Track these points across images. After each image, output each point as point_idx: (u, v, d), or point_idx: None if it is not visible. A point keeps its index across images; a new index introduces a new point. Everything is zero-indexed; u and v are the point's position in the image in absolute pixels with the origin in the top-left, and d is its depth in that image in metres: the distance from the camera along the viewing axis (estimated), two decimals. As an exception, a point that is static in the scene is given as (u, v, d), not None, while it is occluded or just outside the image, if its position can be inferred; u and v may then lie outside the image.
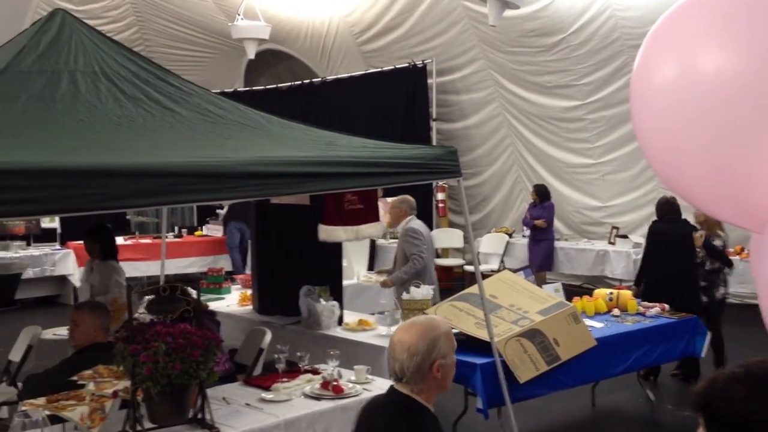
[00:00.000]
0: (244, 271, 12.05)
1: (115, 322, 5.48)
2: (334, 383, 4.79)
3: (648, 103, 3.13)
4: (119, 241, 12.89)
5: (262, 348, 6.13)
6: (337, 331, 6.55)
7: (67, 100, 4.51)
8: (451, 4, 13.61)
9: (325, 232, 6.21)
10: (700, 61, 2.90)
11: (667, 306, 7.21)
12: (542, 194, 12.38)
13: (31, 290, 12.01)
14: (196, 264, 13.70)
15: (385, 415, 3.01)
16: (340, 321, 6.72)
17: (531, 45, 13.09)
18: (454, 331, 5.90)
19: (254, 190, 4.47)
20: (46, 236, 12.96)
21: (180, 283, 4.90)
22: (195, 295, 4.57)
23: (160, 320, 4.22)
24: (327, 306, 6.59)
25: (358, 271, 9.37)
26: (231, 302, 7.97)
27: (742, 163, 2.85)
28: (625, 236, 12.15)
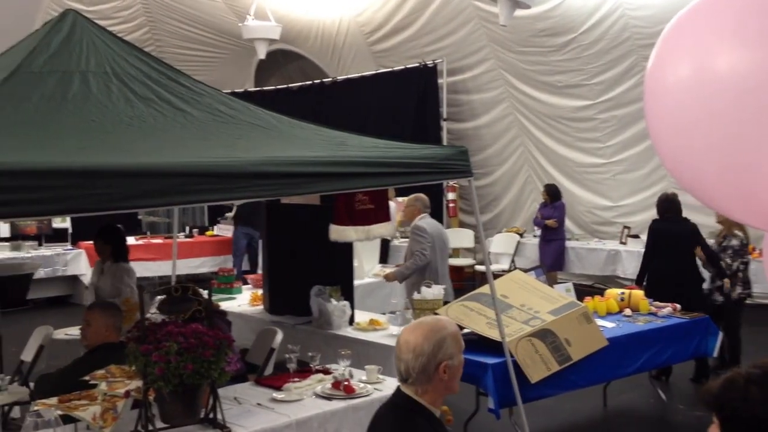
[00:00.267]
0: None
1: (127, 322, 5.50)
2: (345, 383, 4.79)
3: (662, 101, 3.12)
4: (130, 241, 12.97)
5: (273, 348, 6.13)
6: (348, 331, 6.55)
7: (79, 101, 4.52)
8: (462, 4, 13.59)
9: (336, 232, 6.21)
10: (714, 60, 2.89)
11: (678, 306, 7.19)
12: (553, 194, 12.35)
13: (43, 290, 12.05)
14: (207, 264, 13.72)
15: (387, 416, 3.00)
16: (351, 321, 6.72)
17: (542, 45, 13.06)
18: (466, 331, 5.96)
19: (264, 190, 4.47)
20: (58, 236, 13.00)
21: (191, 283, 4.91)
22: (206, 295, 4.57)
23: (172, 320, 4.23)
24: (338, 306, 6.59)
25: (370, 270, 9.37)
26: (242, 302, 7.99)
27: (753, 162, 2.84)
28: (636, 236, 12.11)
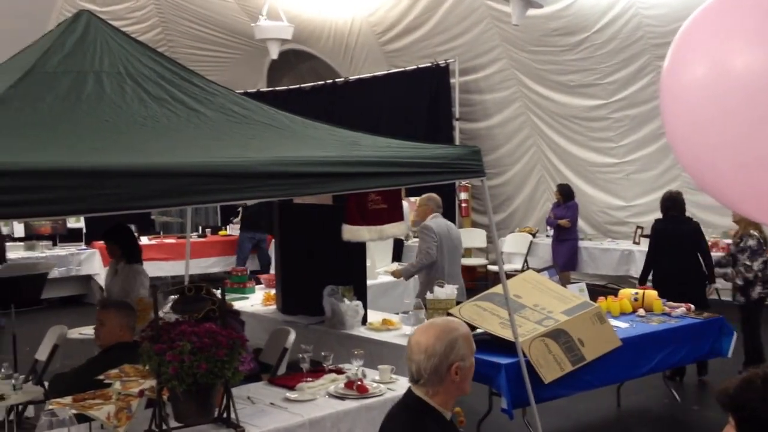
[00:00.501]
0: None
1: (141, 322, 5.52)
2: (359, 383, 4.78)
3: (678, 99, 3.11)
4: (143, 241, 13.06)
5: (286, 348, 6.13)
6: (361, 331, 6.55)
7: (93, 101, 4.53)
8: (474, 3, 13.57)
9: (349, 232, 6.20)
10: (729, 59, 2.88)
11: (692, 306, 7.16)
12: (566, 194, 12.32)
13: (57, 290, 12.10)
14: (220, 263, 13.75)
15: (397, 417, 2.98)
16: (364, 321, 6.72)
17: (554, 44, 13.03)
18: (479, 331, 5.95)
19: (277, 189, 4.47)
20: (72, 236, 13.07)
21: (204, 282, 4.92)
22: (219, 295, 4.58)
23: (186, 320, 4.23)
24: (351, 306, 6.59)
25: (381, 268, 9.38)
26: (255, 302, 8.00)
27: (766, 160, 2.83)
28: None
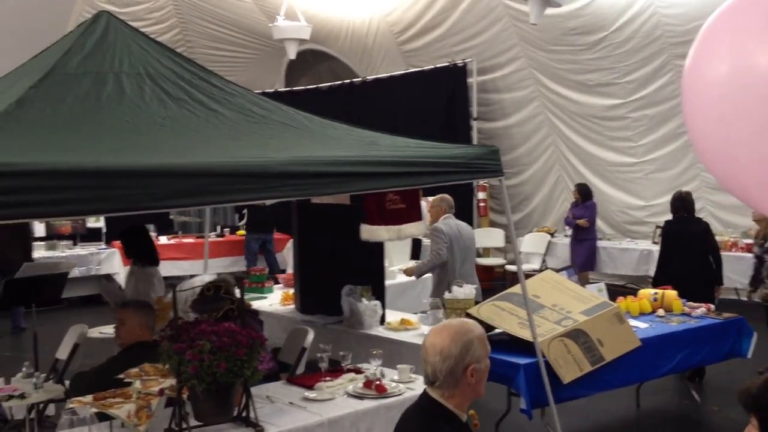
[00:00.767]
0: None
1: (160, 321, 5.54)
2: (377, 382, 4.79)
3: (700, 96, 3.10)
4: (162, 240, 13.13)
5: (305, 347, 6.14)
6: (380, 331, 6.56)
7: (113, 102, 4.56)
8: (492, 3, 13.54)
9: (368, 232, 6.19)
10: (754, 55, 2.87)
11: (712, 306, 7.13)
12: (584, 193, 12.28)
13: (77, 289, 12.16)
14: (239, 263, 13.78)
15: (413, 419, 2.96)
16: (383, 320, 6.72)
17: (572, 43, 12.98)
18: (497, 331, 5.94)
19: (295, 189, 4.48)
20: (92, 236, 13.16)
21: (223, 282, 4.94)
22: (238, 295, 4.59)
23: (205, 319, 4.25)
24: (369, 305, 6.60)
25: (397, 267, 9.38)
26: (273, 301, 8.02)
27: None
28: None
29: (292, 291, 7.84)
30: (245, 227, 13.83)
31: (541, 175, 14.54)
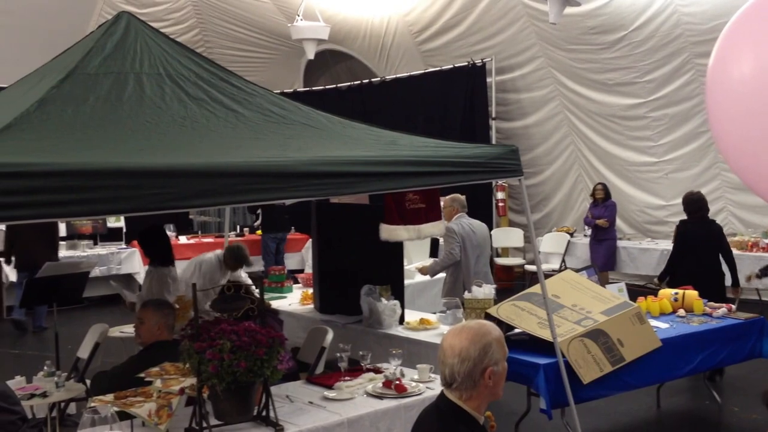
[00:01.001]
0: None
1: (181, 320, 5.57)
2: (397, 382, 4.79)
3: (724, 94, 3.08)
4: (182, 240, 13.20)
5: (324, 347, 6.16)
6: (399, 330, 6.55)
7: (133, 102, 4.59)
8: (511, 2, 13.51)
9: (387, 232, 6.18)
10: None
11: (733, 306, 7.09)
12: (608, 192, 12.25)
13: (98, 289, 12.24)
14: (258, 263, 13.81)
15: (429, 422, 2.95)
16: (402, 320, 6.72)
17: (592, 42, 12.93)
18: (517, 331, 5.93)
19: (315, 189, 4.49)
20: (112, 235, 13.25)
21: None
22: (258, 294, 4.60)
23: (225, 318, 4.27)
24: (388, 305, 6.60)
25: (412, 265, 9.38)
26: (293, 301, 8.04)
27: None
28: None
29: (311, 291, 7.86)
30: (261, 227, 13.87)
31: (561, 175, 14.49)
